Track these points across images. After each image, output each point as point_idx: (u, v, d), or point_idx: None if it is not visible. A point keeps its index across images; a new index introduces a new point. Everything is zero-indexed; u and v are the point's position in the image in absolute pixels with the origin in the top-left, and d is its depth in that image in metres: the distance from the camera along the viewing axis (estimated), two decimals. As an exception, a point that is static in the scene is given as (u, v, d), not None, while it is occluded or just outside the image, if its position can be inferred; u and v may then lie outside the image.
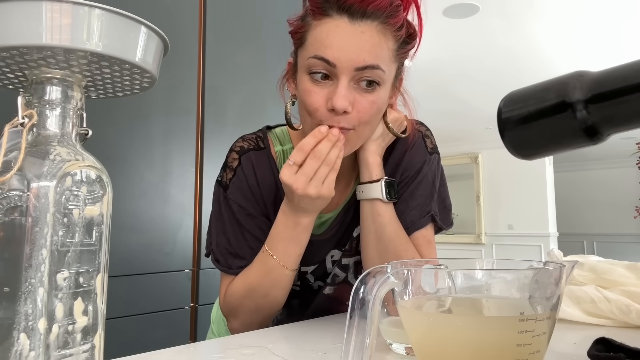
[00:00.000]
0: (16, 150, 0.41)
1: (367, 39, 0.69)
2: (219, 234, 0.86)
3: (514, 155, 0.40)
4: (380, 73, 0.70)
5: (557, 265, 0.40)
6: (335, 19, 0.70)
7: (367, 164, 0.82)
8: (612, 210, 8.11)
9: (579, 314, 0.77)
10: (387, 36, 0.71)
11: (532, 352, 0.37)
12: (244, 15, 1.97)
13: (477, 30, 3.61)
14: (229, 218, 0.85)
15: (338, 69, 0.69)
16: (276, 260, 0.78)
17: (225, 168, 0.87)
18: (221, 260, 0.85)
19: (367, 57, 0.69)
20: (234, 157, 0.87)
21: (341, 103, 0.69)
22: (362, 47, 0.69)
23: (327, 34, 0.70)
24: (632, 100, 0.32)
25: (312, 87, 0.72)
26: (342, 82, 0.69)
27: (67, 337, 0.41)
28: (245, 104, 1.92)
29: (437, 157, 0.89)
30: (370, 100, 0.71)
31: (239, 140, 0.89)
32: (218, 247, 0.86)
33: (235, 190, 0.85)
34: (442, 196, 0.89)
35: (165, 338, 1.59)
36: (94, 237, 0.44)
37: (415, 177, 0.85)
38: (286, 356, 0.59)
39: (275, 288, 0.80)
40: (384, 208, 0.81)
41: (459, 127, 6.59)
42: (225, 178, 0.87)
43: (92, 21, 0.42)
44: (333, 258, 0.90)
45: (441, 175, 0.90)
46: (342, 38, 0.69)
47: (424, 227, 0.85)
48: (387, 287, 0.40)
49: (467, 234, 7.41)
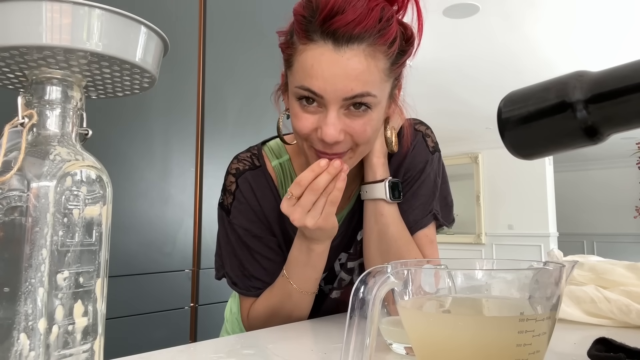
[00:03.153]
0: (16, 150, 0.41)
1: (354, 67, 0.65)
2: (230, 256, 0.86)
3: (514, 155, 0.40)
4: (371, 98, 0.68)
5: (557, 265, 0.40)
6: (319, 45, 0.66)
7: (371, 164, 0.82)
8: (612, 210, 8.11)
9: (579, 314, 0.77)
10: (376, 57, 0.67)
11: (532, 352, 0.37)
12: (244, 16, 1.97)
13: (477, 30, 3.61)
14: (237, 241, 0.85)
15: (325, 100, 0.67)
16: (294, 286, 0.79)
17: (224, 192, 0.87)
18: (239, 283, 0.85)
19: (355, 86, 0.66)
20: (231, 181, 0.86)
21: (331, 135, 0.67)
22: (348, 76, 0.65)
23: (312, 64, 0.66)
24: (632, 100, 0.32)
25: (301, 113, 0.70)
26: (331, 112, 0.67)
27: (67, 337, 0.41)
28: (245, 104, 1.92)
29: (438, 155, 0.88)
30: (363, 123, 0.69)
31: (234, 162, 0.88)
32: (232, 270, 0.85)
33: (238, 214, 0.85)
34: (443, 193, 0.89)
35: (165, 338, 1.59)
36: (94, 237, 0.44)
37: (419, 177, 0.85)
38: (286, 356, 0.59)
39: (297, 309, 0.81)
40: (387, 208, 0.81)
41: (459, 127, 6.59)
42: (226, 202, 0.86)
43: (92, 21, 0.42)
44: (341, 261, 0.90)
45: (443, 172, 0.90)
46: (327, 68, 0.65)
47: (426, 226, 0.85)
48: (387, 287, 0.40)
49: (467, 234, 7.41)
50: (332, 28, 0.65)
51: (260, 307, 0.83)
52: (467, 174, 7.47)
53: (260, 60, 1.96)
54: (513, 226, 7.06)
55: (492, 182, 7.27)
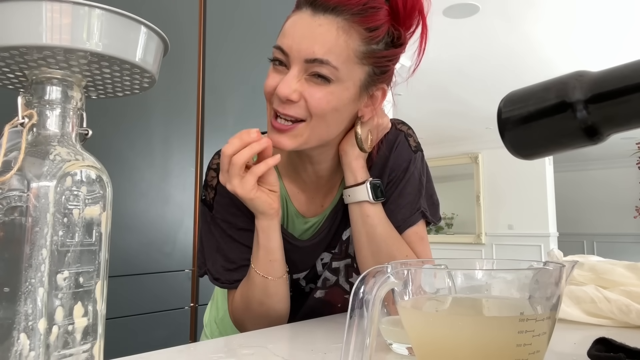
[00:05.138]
0: (16, 150, 0.41)
1: (322, 33, 0.68)
2: (212, 252, 0.86)
3: (514, 155, 0.40)
4: (331, 69, 0.69)
5: (557, 265, 0.40)
6: (301, 11, 0.71)
7: (350, 168, 0.82)
8: (612, 210, 8.11)
9: (579, 314, 0.77)
10: (350, 34, 0.69)
11: (532, 352, 0.37)
12: (244, 16, 1.97)
13: (477, 30, 3.61)
14: (221, 235, 0.85)
15: (290, 58, 0.70)
16: (255, 270, 0.79)
17: (206, 187, 0.88)
18: (221, 278, 0.85)
19: (318, 49, 0.68)
20: (212, 176, 0.87)
21: (283, 90, 0.69)
22: (315, 40, 0.68)
23: (289, 26, 0.72)
24: (632, 100, 0.32)
25: (270, 73, 0.74)
26: (292, 71, 0.70)
27: (67, 337, 0.41)
28: (245, 104, 1.92)
29: (421, 154, 0.89)
30: (321, 93, 0.70)
31: (215, 157, 0.90)
32: (214, 266, 0.85)
33: (220, 208, 0.85)
34: (429, 192, 0.89)
35: (165, 338, 1.59)
36: (94, 237, 0.44)
37: (403, 176, 0.85)
38: (286, 356, 0.59)
39: (266, 297, 0.80)
40: (372, 209, 0.81)
41: (459, 127, 6.59)
42: (208, 197, 0.87)
43: (92, 21, 0.42)
44: (323, 261, 0.90)
45: (427, 171, 0.90)
46: (299, 29, 0.70)
47: (415, 223, 0.85)
48: (387, 287, 0.40)
49: (467, 234, 7.41)
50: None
51: (236, 298, 0.84)
52: (467, 174, 7.47)
53: (260, 61, 1.95)
54: (513, 226, 7.07)
55: (492, 182, 7.27)
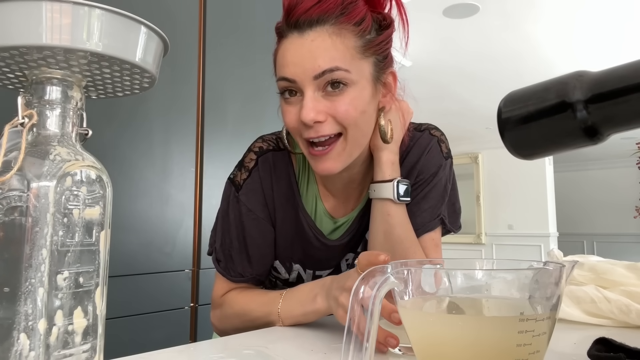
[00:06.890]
0: (16, 150, 0.41)
1: (318, 45, 0.68)
2: (224, 233, 0.86)
3: (514, 155, 0.40)
4: (343, 73, 0.69)
5: (557, 265, 0.40)
6: (289, 37, 0.71)
7: (380, 163, 0.81)
8: (612, 210, 8.11)
9: (579, 314, 0.77)
10: (343, 35, 0.69)
11: (532, 352, 0.37)
12: (244, 16, 1.97)
13: (477, 30, 3.61)
14: (235, 219, 0.84)
15: (298, 83, 0.70)
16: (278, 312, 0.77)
17: (240, 167, 0.86)
18: (222, 262, 0.85)
19: (322, 62, 0.68)
20: (252, 158, 0.86)
21: (307, 115, 0.69)
22: (314, 55, 0.68)
23: (283, 54, 0.71)
24: (632, 100, 0.32)
25: (285, 108, 0.74)
26: (307, 94, 0.69)
27: (67, 337, 0.41)
28: (245, 104, 1.92)
29: (450, 161, 0.88)
30: (343, 102, 0.70)
31: (258, 141, 0.88)
32: (222, 247, 0.85)
33: (248, 191, 0.84)
34: (452, 200, 0.89)
35: (165, 338, 1.59)
36: (94, 237, 0.44)
37: (431, 180, 0.85)
38: (286, 356, 0.59)
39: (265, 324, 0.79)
40: (394, 209, 0.80)
41: (459, 127, 6.59)
42: (239, 178, 0.85)
43: (92, 21, 0.42)
44: (348, 262, 0.90)
45: (453, 179, 0.90)
46: (294, 53, 0.70)
47: (433, 229, 0.84)
48: (387, 287, 0.40)
49: (467, 234, 7.41)
50: (294, 19, 0.70)
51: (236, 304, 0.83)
52: (467, 174, 7.47)
53: (260, 61, 1.96)
54: (513, 226, 7.07)
55: (492, 182, 7.27)
